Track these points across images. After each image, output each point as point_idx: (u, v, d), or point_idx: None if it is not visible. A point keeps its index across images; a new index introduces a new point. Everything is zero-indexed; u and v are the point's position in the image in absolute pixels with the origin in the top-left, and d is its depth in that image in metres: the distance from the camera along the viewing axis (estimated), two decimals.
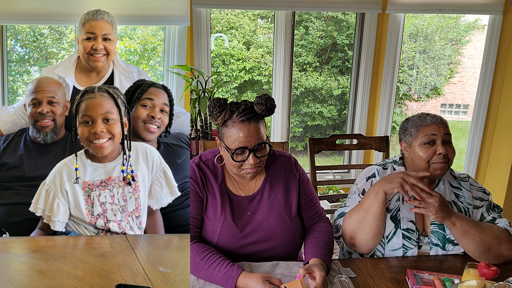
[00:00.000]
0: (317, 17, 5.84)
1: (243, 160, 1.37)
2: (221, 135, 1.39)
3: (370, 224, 1.45)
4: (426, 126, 1.50)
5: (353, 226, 1.48)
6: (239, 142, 1.34)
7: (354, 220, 1.48)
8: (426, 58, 6.78)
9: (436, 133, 1.48)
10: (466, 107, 7.30)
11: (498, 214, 1.54)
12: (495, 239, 1.42)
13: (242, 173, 1.42)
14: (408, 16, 5.04)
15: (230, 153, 1.35)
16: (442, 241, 1.49)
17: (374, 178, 1.57)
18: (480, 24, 6.69)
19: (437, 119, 1.51)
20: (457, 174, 1.61)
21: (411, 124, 1.55)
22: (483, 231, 1.42)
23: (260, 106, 1.35)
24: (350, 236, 1.49)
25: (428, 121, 1.51)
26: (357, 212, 1.48)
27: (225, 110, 1.34)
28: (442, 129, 1.48)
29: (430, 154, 1.47)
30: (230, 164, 1.42)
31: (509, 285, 1.02)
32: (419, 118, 1.54)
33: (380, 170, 1.60)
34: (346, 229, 1.50)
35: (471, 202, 1.53)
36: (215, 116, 1.35)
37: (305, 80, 5.89)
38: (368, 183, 1.57)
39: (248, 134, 1.34)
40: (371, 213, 1.44)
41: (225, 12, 5.90)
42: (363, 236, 1.47)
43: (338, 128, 6.09)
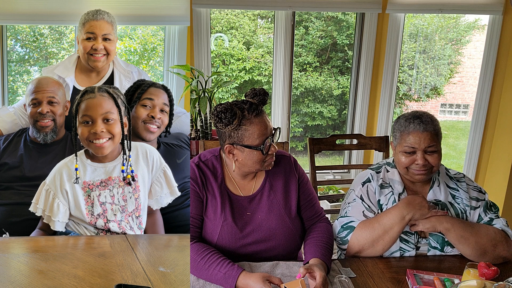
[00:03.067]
0: (317, 17, 5.83)
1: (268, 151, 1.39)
2: (238, 138, 1.37)
3: (385, 243, 1.44)
4: (408, 134, 1.47)
5: (365, 242, 1.46)
6: (264, 134, 1.37)
7: (368, 236, 1.45)
8: (426, 58, 6.78)
9: (416, 146, 1.45)
10: (466, 107, 7.30)
11: (495, 215, 1.53)
12: (490, 242, 1.43)
13: (265, 166, 1.43)
14: (408, 16, 5.03)
15: (260, 148, 1.37)
16: (441, 244, 1.48)
17: (369, 183, 1.56)
18: (480, 24, 6.69)
19: (421, 127, 1.45)
20: (453, 174, 1.60)
21: (398, 126, 1.52)
22: (477, 234, 1.43)
23: (257, 97, 1.40)
24: (358, 250, 1.47)
25: (411, 128, 1.46)
26: (373, 229, 1.44)
27: (236, 112, 1.34)
28: (424, 141, 1.44)
29: (408, 162, 1.48)
30: (255, 161, 1.40)
31: (509, 285, 1.02)
32: (405, 121, 1.49)
33: (374, 174, 1.58)
34: (356, 244, 1.47)
35: (468, 203, 1.52)
36: (229, 120, 1.33)
37: (305, 80, 5.89)
38: (365, 189, 1.56)
39: (267, 125, 1.38)
40: (390, 235, 1.43)
41: (225, 12, 5.90)
42: (372, 252, 1.47)
43: (338, 128, 6.09)
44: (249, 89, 1.41)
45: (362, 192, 1.56)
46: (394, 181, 1.55)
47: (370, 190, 1.55)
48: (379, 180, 1.56)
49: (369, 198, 1.54)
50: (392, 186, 1.55)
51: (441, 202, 1.52)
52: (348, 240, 1.48)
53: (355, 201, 1.56)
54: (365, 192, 1.55)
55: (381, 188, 1.54)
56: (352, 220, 1.51)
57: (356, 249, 1.47)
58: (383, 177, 1.57)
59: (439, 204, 1.52)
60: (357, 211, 1.53)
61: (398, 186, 1.54)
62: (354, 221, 1.50)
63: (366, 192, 1.55)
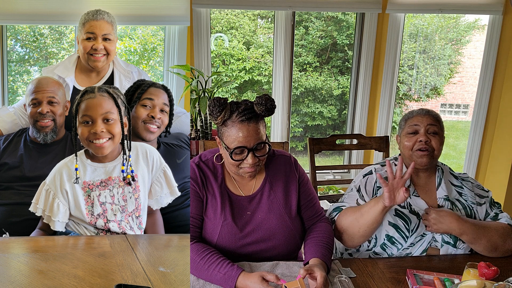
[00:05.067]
0: (317, 17, 5.84)
1: (242, 160, 1.37)
2: (220, 134, 1.39)
3: (360, 226, 1.48)
4: (412, 117, 1.59)
5: (344, 224, 1.52)
6: (239, 141, 1.34)
7: (348, 219, 1.51)
8: (426, 58, 6.78)
9: (418, 123, 1.55)
10: (466, 107, 7.31)
11: (499, 210, 1.60)
12: (500, 237, 1.48)
13: (240, 172, 1.42)
14: (408, 16, 5.04)
15: (229, 152, 1.35)
16: (454, 239, 1.51)
17: (370, 175, 1.62)
18: (480, 24, 6.70)
19: (423, 111, 1.58)
20: (457, 174, 1.65)
21: (403, 118, 1.64)
22: (488, 233, 1.47)
23: (260, 106, 1.35)
24: (340, 231, 1.54)
25: (415, 113, 1.60)
26: (354, 213, 1.51)
27: (225, 110, 1.34)
28: (426, 120, 1.55)
29: (412, 143, 1.55)
30: (229, 163, 1.42)
31: (509, 285, 1.02)
32: (410, 112, 1.63)
33: (378, 167, 1.64)
34: (338, 225, 1.54)
35: (473, 200, 1.57)
36: (215, 116, 1.35)
37: (305, 80, 5.89)
38: (364, 180, 1.61)
39: (247, 134, 1.34)
40: (364, 218, 1.46)
41: (225, 12, 5.90)
42: (351, 234, 1.51)
43: (338, 128, 6.09)
44: (263, 94, 1.37)
45: (361, 183, 1.62)
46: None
47: (369, 182, 1.61)
48: (383, 173, 1.58)
49: (366, 188, 1.60)
50: None
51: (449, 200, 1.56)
52: (335, 220, 1.55)
53: (352, 191, 1.63)
54: (364, 183, 1.61)
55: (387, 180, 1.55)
56: (344, 205, 1.59)
57: (338, 229, 1.53)
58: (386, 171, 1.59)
59: (448, 201, 1.55)
60: (351, 199, 1.61)
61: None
62: (345, 205, 1.58)
63: (364, 183, 1.61)
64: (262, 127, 1.38)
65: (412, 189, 1.57)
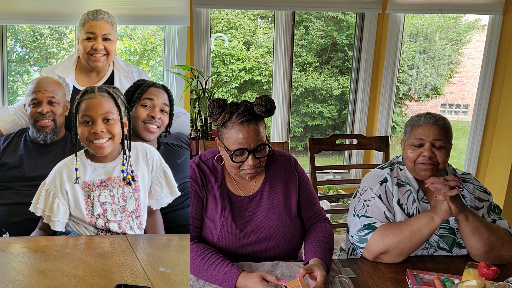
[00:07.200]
0: (317, 17, 5.84)
1: (242, 161, 1.37)
2: (220, 136, 1.39)
3: (412, 245, 1.41)
4: (418, 127, 1.50)
5: (390, 243, 1.41)
6: (239, 143, 1.34)
7: (394, 238, 1.41)
8: (426, 58, 6.78)
9: (424, 137, 1.47)
10: (466, 107, 7.31)
11: (498, 216, 1.54)
12: (499, 239, 1.42)
13: (241, 174, 1.42)
14: (408, 16, 5.04)
15: (229, 154, 1.35)
16: (450, 245, 1.48)
17: (386, 183, 1.53)
18: (480, 24, 6.70)
19: (430, 120, 1.48)
20: (460, 174, 1.60)
21: (409, 122, 1.56)
22: (490, 229, 1.42)
23: (260, 107, 1.34)
24: (381, 251, 1.43)
25: (421, 121, 1.50)
26: (401, 231, 1.41)
27: (224, 111, 1.34)
28: (432, 133, 1.46)
29: (416, 155, 1.48)
30: (229, 165, 1.42)
31: (509, 285, 1.02)
32: (417, 116, 1.53)
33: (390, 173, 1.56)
34: (380, 245, 1.42)
35: (473, 204, 1.52)
36: (214, 117, 1.35)
37: (305, 80, 5.89)
38: (383, 188, 1.52)
39: (247, 136, 1.34)
40: (418, 237, 1.39)
41: (225, 12, 5.90)
42: (396, 254, 1.42)
43: (338, 128, 6.09)
44: (263, 95, 1.36)
45: (381, 192, 1.52)
46: (409, 179, 1.55)
47: (388, 191, 1.53)
48: (394, 180, 1.54)
49: (387, 198, 1.52)
50: (409, 183, 1.54)
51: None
52: (367, 239, 1.44)
53: (373, 199, 1.52)
54: (384, 192, 1.52)
55: (399, 187, 1.52)
56: (374, 221, 1.47)
57: (380, 250, 1.43)
58: (397, 175, 1.56)
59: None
60: (378, 212, 1.50)
61: (414, 183, 1.53)
62: (377, 222, 1.47)
63: (384, 191, 1.52)
64: (262, 128, 1.38)
65: (422, 194, 1.53)
